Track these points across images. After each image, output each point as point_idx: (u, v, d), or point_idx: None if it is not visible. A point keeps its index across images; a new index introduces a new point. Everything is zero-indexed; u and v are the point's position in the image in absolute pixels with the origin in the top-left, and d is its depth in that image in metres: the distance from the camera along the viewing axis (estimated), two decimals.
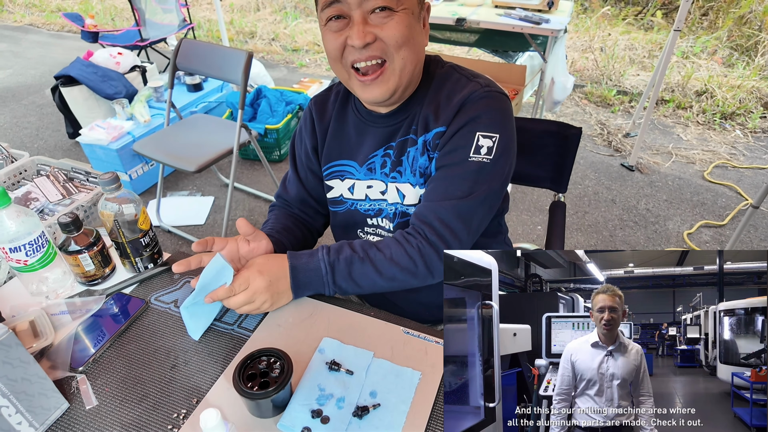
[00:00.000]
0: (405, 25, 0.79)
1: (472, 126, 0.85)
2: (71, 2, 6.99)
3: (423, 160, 0.90)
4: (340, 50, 0.82)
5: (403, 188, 0.94)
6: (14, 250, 0.87)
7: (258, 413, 0.74)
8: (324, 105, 1.02)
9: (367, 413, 0.74)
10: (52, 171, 1.27)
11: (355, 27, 0.78)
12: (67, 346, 0.85)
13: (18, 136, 3.50)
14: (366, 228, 1.03)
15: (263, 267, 0.83)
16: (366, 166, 0.97)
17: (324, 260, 0.85)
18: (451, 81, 0.89)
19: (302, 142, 1.05)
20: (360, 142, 0.97)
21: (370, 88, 0.84)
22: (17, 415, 0.70)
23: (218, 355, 0.85)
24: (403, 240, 0.87)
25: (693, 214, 2.66)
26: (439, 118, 0.88)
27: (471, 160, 0.85)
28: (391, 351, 0.84)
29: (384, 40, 0.80)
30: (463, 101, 0.86)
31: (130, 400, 0.78)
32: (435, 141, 0.88)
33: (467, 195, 0.85)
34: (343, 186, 1.02)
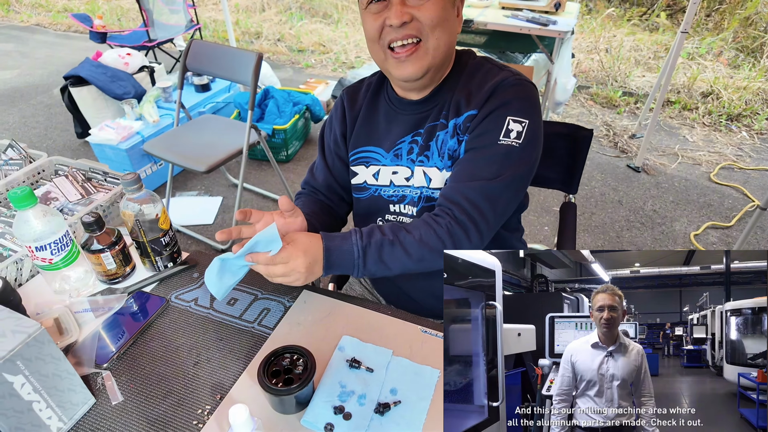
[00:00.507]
0: (441, 7, 0.84)
1: (503, 110, 0.88)
2: (77, 2, 7.03)
3: (452, 142, 0.93)
4: (378, 31, 0.87)
5: (429, 172, 0.97)
6: (40, 249, 0.89)
7: (281, 409, 0.75)
8: (356, 94, 1.07)
9: (388, 410, 0.75)
10: (71, 171, 1.28)
11: (394, 7, 0.83)
12: (91, 343, 0.87)
13: (27, 136, 3.53)
14: (387, 215, 1.05)
15: (308, 248, 0.83)
16: (393, 152, 1.00)
17: (357, 244, 0.86)
18: (483, 70, 0.94)
19: (332, 129, 1.10)
20: (389, 129, 1.01)
21: (404, 64, 0.88)
22: (47, 410, 0.71)
23: (239, 352, 0.86)
24: (431, 221, 0.88)
25: (699, 216, 2.67)
26: (470, 102, 0.91)
27: (500, 143, 0.88)
28: (409, 349, 0.86)
29: (420, 20, 0.84)
30: (495, 87, 0.89)
31: (155, 396, 0.80)
32: (466, 124, 0.91)
33: (495, 177, 0.87)
34: (367, 172, 1.04)
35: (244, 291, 0.99)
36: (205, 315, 0.94)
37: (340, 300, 0.96)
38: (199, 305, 0.96)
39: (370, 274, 0.89)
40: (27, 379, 0.67)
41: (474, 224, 0.87)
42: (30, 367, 0.67)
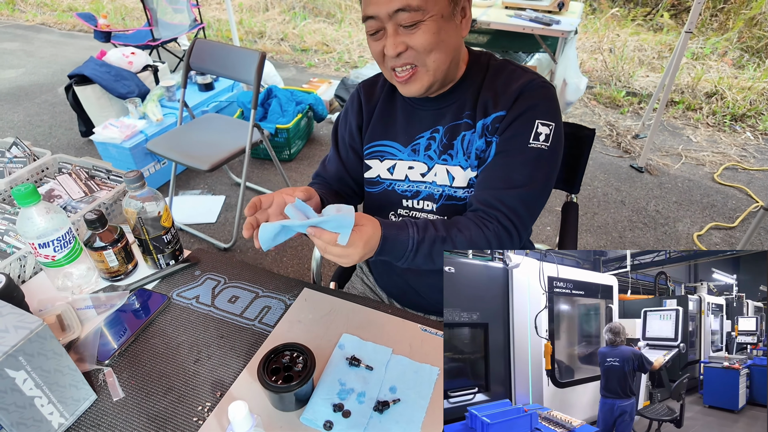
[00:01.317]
0: (432, 33, 0.84)
1: (531, 113, 0.90)
2: (82, 2, 7.06)
3: (480, 143, 0.94)
4: (381, 55, 0.90)
5: (453, 170, 0.98)
6: (43, 246, 0.89)
7: (281, 406, 0.75)
8: (372, 88, 1.08)
9: (387, 408, 0.75)
10: (74, 169, 1.29)
11: (389, 39, 0.86)
12: (93, 339, 0.87)
13: (32, 134, 3.55)
14: (400, 210, 1.06)
15: (369, 239, 0.81)
16: (411, 147, 1.01)
17: (413, 238, 0.86)
18: (507, 71, 0.95)
19: (347, 121, 1.10)
20: (406, 123, 1.02)
21: (406, 86, 0.92)
22: (49, 405, 0.72)
23: (240, 349, 0.87)
24: (480, 224, 0.90)
25: (703, 216, 2.66)
26: (498, 103, 0.92)
27: (531, 146, 0.90)
28: (409, 348, 0.86)
29: (414, 48, 0.86)
30: (522, 89, 0.91)
31: (156, 392, 0.80)
32: (495, 125, 0.93)
33: (529, 182, 0.91)
34: (381, 167, 1.05)
35: (244, 288, 1.00)
36: (206, 312, 0.94)
37: (340, 298, 0.97)
38: (201, 303, 0.97)
39: (416, 266, 0.89)
40: (29, 374, 0.68)
41: (516, 230, 0.91)
42: (32, 362, 0.68)
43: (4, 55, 5.20)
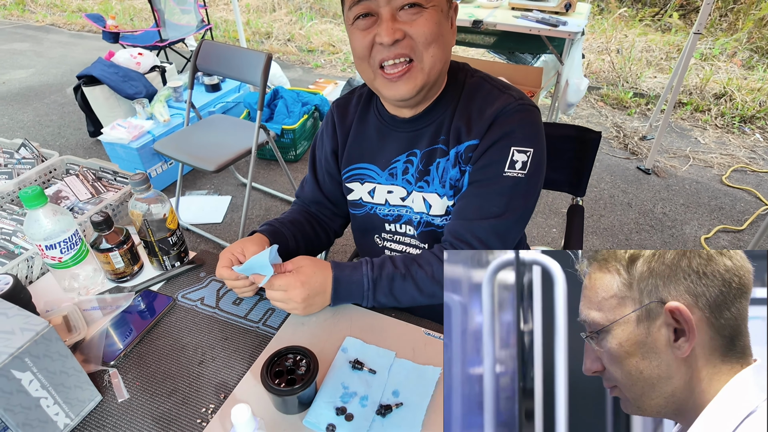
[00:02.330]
0: (434, 22, 0.78)
1: (506, 141, 0.84)
2: (91, 2, 7.12)
3: (454, 172, 0.90)
4: (368, 48, 0.81)
5: (429, 198, 0.94)
6: (50, 248, 0.90)
7: (284, 409, 0.76)
8: (346, 108, 1.02)
9: (390, 412, 0.75)
10: (81, 170, 1.30)
11: (384, 24, 0.77)
12: (99, 340, 0.88)
13: (41, 134, 3.58)
14: (383, 234, 1.04)
15: (307, 280, 0.83)
16: (388, 171, 0.98)
17: (367, 275, 0.86)
18: (482, 92, 0.89)
19: (323, 145, 1.06)
20: (382, 146, 0.97)
21: (396, 85, 0.82)
22: (55, 406, 0.73)
23: (244, 351, 0.87)
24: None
25: (711, 219, 2.64)
26: (471, 130, 0.87)
27: (506, 175, 0.85)
28: (412, 351, 0.86)
29: (413, 37, 0.78)
30: (496, 114, 0.85)
31: (160, 394, 0.81)
32: (468, 154, 0.88)
33: (503, 213, 0.86)
34: (362, 189, 1.02)
35: None
36: (210, 314, 0.95)
37: None
38: (205, 304, 0.97)
39: (379, 305, 0.89)
40: (35, 375, 0.68)
41: None
42: (38, 364, 0.68)
43: (14, 56, 5.26)
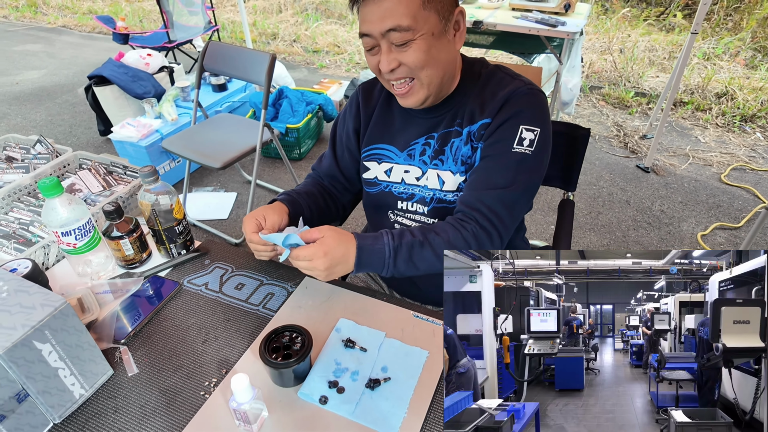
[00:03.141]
0: (423, 50, 0.88)
1: (516, 119, 0.93)
2: (101, 5, 7.25)
3: (466, 149, 0.99)
4: (377, 69, 0.95)
5: (443, 175, 1.02)
6: (65, 234, 0.97)
7: (280, 382, 0.82)
8: (371, 92, 1.12)
9: (378, 385, 0.81)
10: (93, 165, 1.37)
11: (383, 56, 0.90)
12: (110, 320, 0.95)
13: (53, 133, 3.68)
14: (396, 210, 1.11)
15: (329, 250, 0.87)
16: (407, 151, 1.06)
17: (389, 244, 0.92)
18: (495, 79, 0.99)
19: (345, 123, 1.15)
20: (403, 129, 1.06)
21: (404, 99, 0.97)
22: (71, 377, 0.79)
23: (245, 332, 0.93)
24: (458, 225, 0.94)
25: (708, 216, 2.67)
26: (484, 111, 0.97)
27: (514, 151, 0.93)
28: (401, 332, 0.92)
29: (407, 65, 0.90)
30: (507, 96, 0.94)
31: (167, 369, 0.87)
32: (480, 132, 0.97)
33: (510, 185, 0.94)
34: (379, 168, 1.10)
35: (250, 277, 1.06)
36: (214, 298, 1.01)
37: (339, 287, 1.03)
38: (209, 289, 1.04)
39: (399, 274, 0.94)
40: (54, 347, 0.75)
41: (495, 229, 0.94)
42: (56, 336, 0.75)
43: (27, 57, 5.38)
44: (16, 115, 3.98)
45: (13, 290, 0.77)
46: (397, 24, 0.85)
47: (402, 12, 0.84)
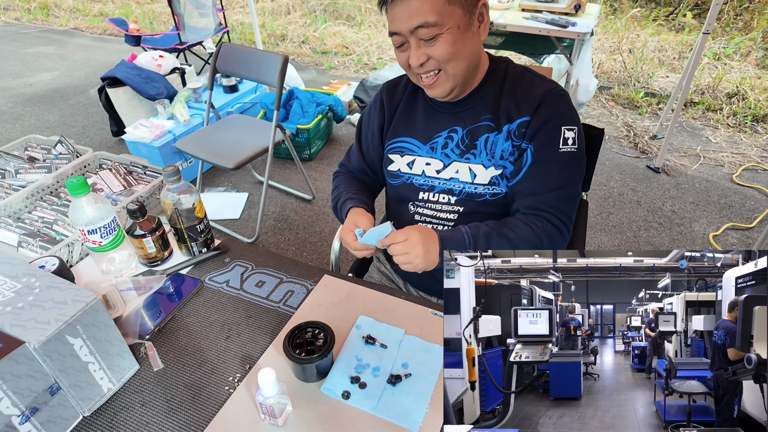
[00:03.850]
0: (450, 44, 0.94)
1: (556, 120, 1.00)
2: (112, 7, 7.32)
3: (506, 145, 1.04)
4: (407, 64, 1.01)
5: (475, 168, 1.07)
6: (91, 232, 0.99)
7: (303, 377, 0.83)
8: (395, 89, 1.18)
9: (399, 381, 0.83)
10: (114, 165, 1.40)
11: (412, 52, 0.96)
12: (135, 317, 0.97)
13: (67, 134, 3.72)
14: (417, 201, 1.15)
15: (420, 229, 0.97)
16: (429, 145, 1.11)
17: (467, 234, 0.99)
18: (525, 79, 1.04)
19: (370, 120, 1.21)
20: (426, 123, 1.11)
21: (431, 89, 1.02)
22: (100, 371, 0.81)
23: (267, 328, 0.95)
24: (529, 222, 1.00)
25: (720, 217, 2.66)
26: (520, 109, 1.02)
27: (561, 151, 1.00)
28: (420, 330, 0.93)
29: (435, 58, 0.96)
30: (543, 96, 1.00)
31: (191, 365, 0.89)
32: (521, 130, 1.02)
33: (567, 182, 1.01)
34: (402, 161, 1.14)
35: (270, 275, 1.08)
36: (235, 295, 1.03)
37: (357, 284, 1.04)
38: (231, 287, 1.05)
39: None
40: (84, 342, 0.77)
41: (564, 225, 1.02)
42: (87, 331, 0.77)
43: (40, 59, 5.45)
44: (30, 116, 4.03)
45: (45, 286, 0.79)
46: (424, 21, 0.90)
47: (428, 9, 0.90)
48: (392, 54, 5.24)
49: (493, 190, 1.06)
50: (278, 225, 2.68)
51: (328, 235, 2.58)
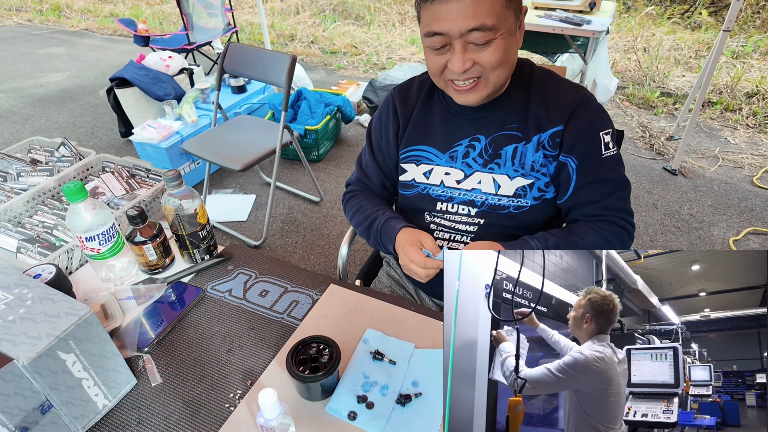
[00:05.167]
0: (502, 50, 0.86)
1: (593, 128, 0.96)
2: (122, 7, 7.35)
3: (537, 156, 0.98)
4: (440, 69, 0.91)
5: (499, 179, 1.01)
6: (89, 239, 0.96)
7: (307, 396, 0.79)
8: (407, 93, 1.09)
9: (409, 401, 0.78)
10: (116, 168, 1.37)
11: (456, 56, 0.86)
12: (134, 328, 0.93)
13: (75, 135, 3.72)
14: (434, 212, 1.08)
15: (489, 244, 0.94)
16: (449, 153, 1.04)
17: (536, 246, 0.95)
18: (553, 84, 0.98)
19: (382, 128, 1.12)
20: (445, 130, 1.04)
21: (464, 96, 0.93)
22: (95, 387, 0.77)
23: (270, 341, 0.91)
24: (597, 228, 0.98)
25: (740, 221, 2.57)
26: (551, 117, 0.96)
27: (605, 156, 0.97)
28: (431, 343, 0.88)
29: (481, 64, 0.87)
30: (576, 103, 0.95)
31: (191, 379, 0.85)
32: (555, 140, 0.96)
33: (619, 184, 0.99)
34: (417, 171, 1.07)
35: (274, 283, 1.04)
36: (238, 305, 0.99)
37: (365, 294, 1.00)
38: (233, 296, 1.01)
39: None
40: (78, 357, 0.73)
41: (629, 224, 1.00)
42: (80, 346, 0.73)
43: (51, 60, 5.47)
44: (40, 116, 4.04)
45: (37, 298, 0.75)
46: (481, 23, 0.82)
47: (486, 11, 0.81)
48: (401, 53, 5.19)
49: (517, 202, 1.00)
50: (286, 227, 2.65)
51: (336, 237, 2.53)
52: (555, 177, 1.00)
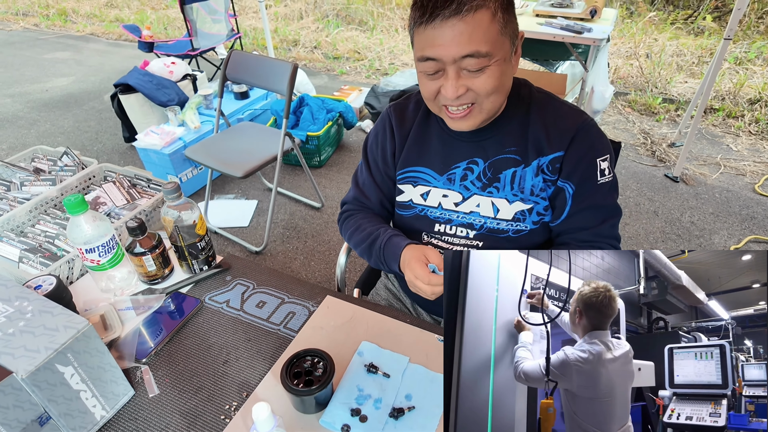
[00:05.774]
0: (496, 77, 0.84)
1: (591, 154, 0.96)
2: (128, 12, 7.42)
3: (537, 180, 0.98)
4: (434, 94, 0.89)
5: (498, 203, 1.00)
6: (89, 251, 0.97)
7: (302, 409, 0.80)
8: (403, 112, 1.08)
9: (402, 415, 0.79)
10: (118, 177, 1.38)
11: (449, 82, 0.84)
12: (132, 338, 0.94)
13: (80, 140, 3.76)
14: (432, 233, 1.08)
15: None
16: (446, 175, 1.03)
17: None
18: (552, 107, 0.97)
19: (379, 147, 1.11)
20: (443, 152, 1.03)
21: (458, 122, 0.92)
22: (93, 399, 0.79)
23: (266, 352, 0.92)
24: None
25: (741, 229, 2.57)
26: (551, 142, 0.95)
27: (600, 183, 0.98)
28: (426, 357, 0.89)
29: (475, 91, 0.86)
30: (576, 130, 0.95)
31: (188, 390, 0.86)
32: (554, 165, 0.96)
33: (612, 212, 1.00)
34: (414, 192, 1.07)
35: (271, 295, 1.05)
36: (235, 316, 1.00)
37: (361, 306, 1.01)
38: (231, 307, 1.02)
39: None
40: (76, 370, 0.74)
41: (618, 249, 1.03)
42: (79, 359, 0.74)
43: (56, 65, 5.53)
44: (45, 121, 4.08)
45: (37, 311, 0.77)
46: (475, 50, 0.80)
47: (481, 38, 0.80)
48: (404, 59, 5.21)
49: (516, 226, 1.00)
50: (287, 233, 2.66)
51: (337, 244, 2.54)
52: (552, 200, 1.00)
